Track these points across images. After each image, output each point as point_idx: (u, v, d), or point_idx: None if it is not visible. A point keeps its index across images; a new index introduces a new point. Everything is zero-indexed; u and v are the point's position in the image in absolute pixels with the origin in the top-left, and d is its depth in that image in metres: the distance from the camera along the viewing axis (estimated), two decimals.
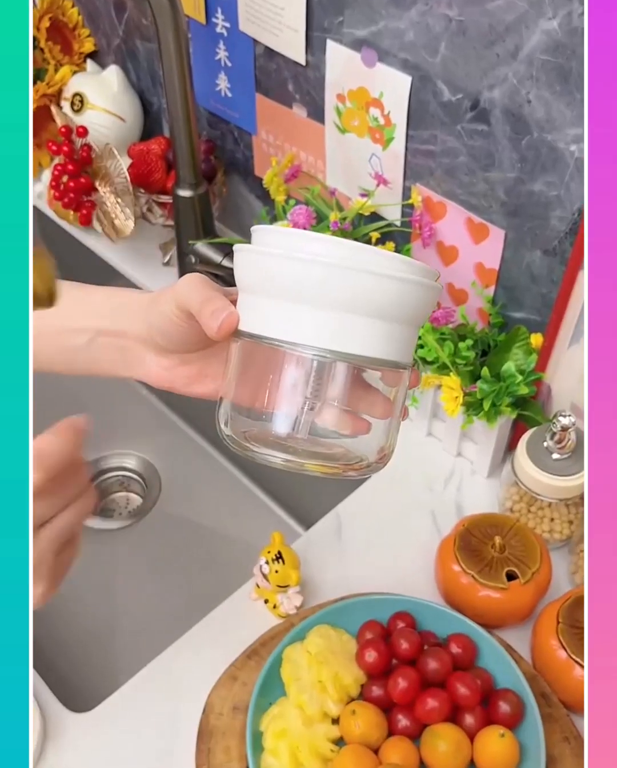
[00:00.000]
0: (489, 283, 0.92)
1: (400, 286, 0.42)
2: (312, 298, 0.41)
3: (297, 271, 0.41)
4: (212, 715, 0.75)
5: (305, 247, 0.42)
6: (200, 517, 1.23)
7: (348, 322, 0.42)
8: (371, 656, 0.73)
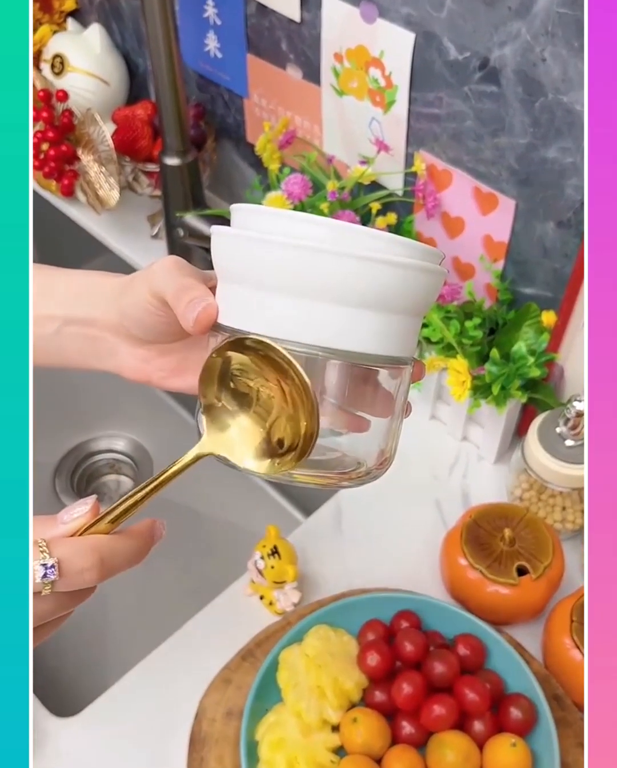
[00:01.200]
0: (497, 257, 0.86)
1: (398, 273, 0.36)
2: (297, 288, 0.36)
3: (279, 257, 0.35)
4: (205, 721, 0.71)
5: (289, 229, 0.36)
6: (195, 503, 1.18)
7: (340, 314, 0.36)
8: (373, 660, 0.69)
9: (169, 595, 1.05)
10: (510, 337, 0.85)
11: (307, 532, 0.86)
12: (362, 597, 0.74)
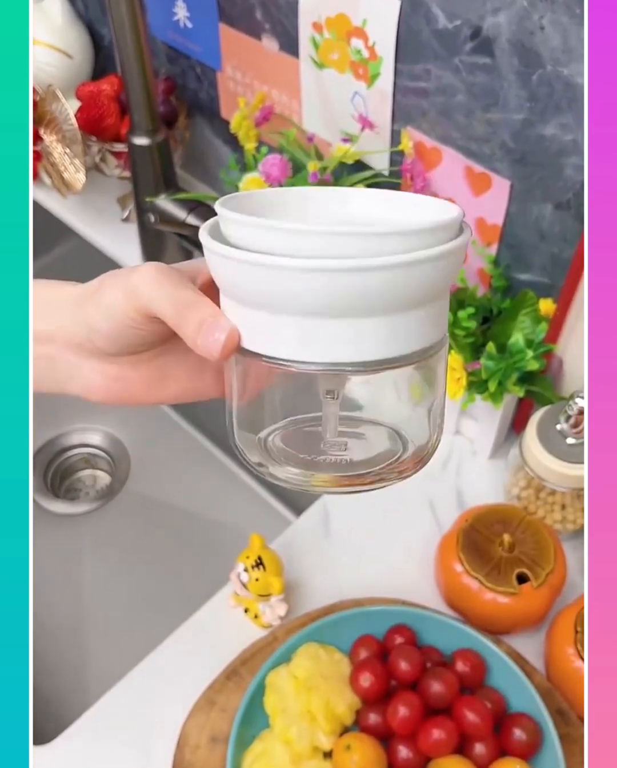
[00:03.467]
0: (491, 241, 0.81)
1: (422, 269, 0.33)
2: (304, 308, 0.33)
3: (291, 282, 0.32)
4: (188, 748, 0.66)
5: (281, 244, 0.32)
6: (175, 499, 1.13)
7: (360, 326, 0.33)
8: (366, 681, 0.64)
9: (151, 601, 1.00)
10: (505, 327, 0.80)
11: (293, 538, 0.81)
12: (353, 611, 0.69)
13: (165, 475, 1.15)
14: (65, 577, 1.01)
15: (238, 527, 1.08)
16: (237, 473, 1.15)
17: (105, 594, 1.01)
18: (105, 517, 1.12)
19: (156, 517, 1.11)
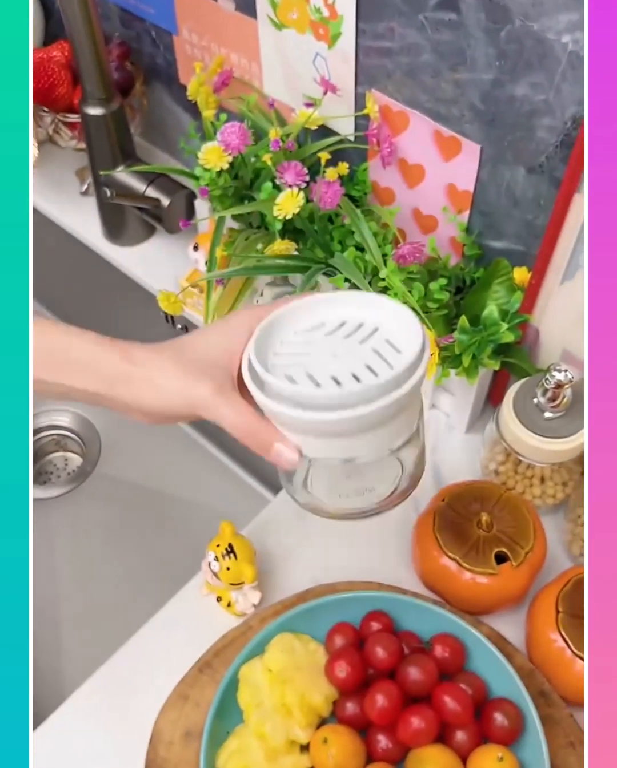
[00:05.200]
0: (462, 207, 0.78)
1: (399, 404, 0.48)
2: (325, 434, 0.50)
3: (321, 425, 0.48)
4: (161, 745, 0.64)
5: (309, 402, 0.48)
6: (149, 480, 1.10)
7: (360, 438, 0.50)
8: (342, 671, 0.62)
9: (126, 586, 0.98)
10: (478, 298, 0.77)
11: (267, 520, 0.79)
12: (328, 598, 0.67)
13: (137, 456, 1.13)
14: (38, 562, 0.99)
15: (214, 507, 1.06)
16: (211, 452, 1.12)
17: (79, 580, 0.99)
18: (77, 500, 1.10)
19: (130, 500, 1.08)
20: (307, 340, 0.51)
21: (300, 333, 0.52)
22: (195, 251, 0.88)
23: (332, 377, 0.48)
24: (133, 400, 0.52)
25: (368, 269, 0.77)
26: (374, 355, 0.49)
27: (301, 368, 0.49)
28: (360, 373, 0.48)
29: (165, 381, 0.51)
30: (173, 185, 0.91)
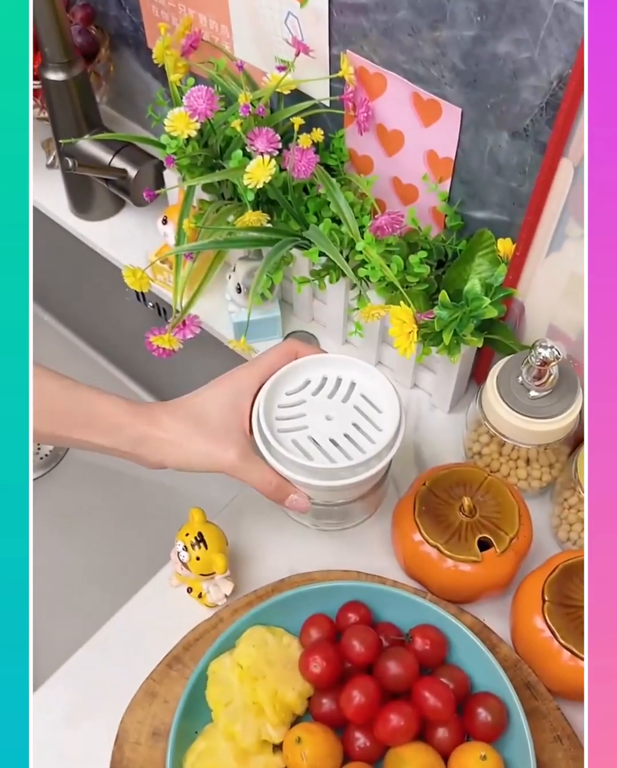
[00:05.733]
0: (443, 176, 0.74)
1: (359, 480, 0.63)
2: (323, 490, 0.65)
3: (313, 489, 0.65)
4: (127, 745, 0.61)
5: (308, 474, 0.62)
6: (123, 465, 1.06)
7: (340, 494, 0.67)
8: (317, 666, 0.59)
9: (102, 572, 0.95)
10: (460, 271, 0.73)
11: (239, 507, 0.76)
12: (303, 589, 0.64)
13: None
14: None
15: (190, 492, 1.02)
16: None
17: (52, 566, 0.95)
18: (50, 485, 1.06)
19: (103, 484, 1.05)
20: (299, 400, 0.64)
21: (292, 393, 0.65)
22: (164, 225, 0.84)
23: (330, 439, 0.62)
24: (157, 460, 0.62)
25: (345, 242, 0.73)
26: (357, 413, 0.64)
27: (303, 433, 0.63)
28: (350, 431, 0.63)
29: (191, 445, 0.61)
30: (141, 155, 0.86)
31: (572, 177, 0.61)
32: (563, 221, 0.64)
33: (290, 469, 0.62)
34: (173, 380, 1.09)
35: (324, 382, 0.65)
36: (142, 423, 0.61)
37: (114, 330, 1.10)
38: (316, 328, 0.86)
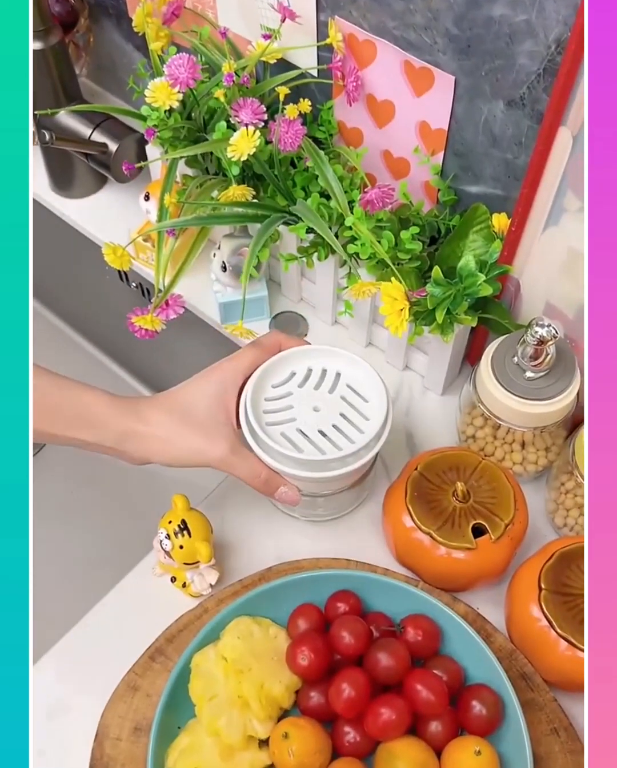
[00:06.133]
0: (436, 148, 0.71)
1: (354, 470, 0.62)
2: (309, 479, 0.63)
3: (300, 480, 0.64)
4: (107, 741, 0.58)
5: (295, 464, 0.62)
6: None
7: (326, 485, 0.66)
8: (305, 658, 0.57)
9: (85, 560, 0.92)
10: (454, 248, 0.70)
11: (225, 493, 0.73)
12: (291, 578, 0.61)
13: None
14: None
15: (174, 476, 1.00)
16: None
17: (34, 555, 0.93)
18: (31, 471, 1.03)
19: (85, 470, 1.02)
20: (286, 392, 0.63)
21: (278, 386, 0.64)
22: (146, 201, 0.81)
23: (318, 431, 0.62)
24: (141, 456, 0.61)
25: (333, 217, 0.70)
26: (344, 403, 0.63)
27: (292, 425, 0.62)
28: (338, 422, 0.62)
29: (179, 440, 0.60)
30: (122, 129, 0.83)
31: (571, 147, 0.58)
32: (561, 194, 0.61)
33: (279, 462, 0.61)
34: (157, 363, 1.06)
35: (309, 373, 0.64)
36: (127, 418, 0.59)
37: (96, 311, 1.07)
38: (305, 308, 0.84)
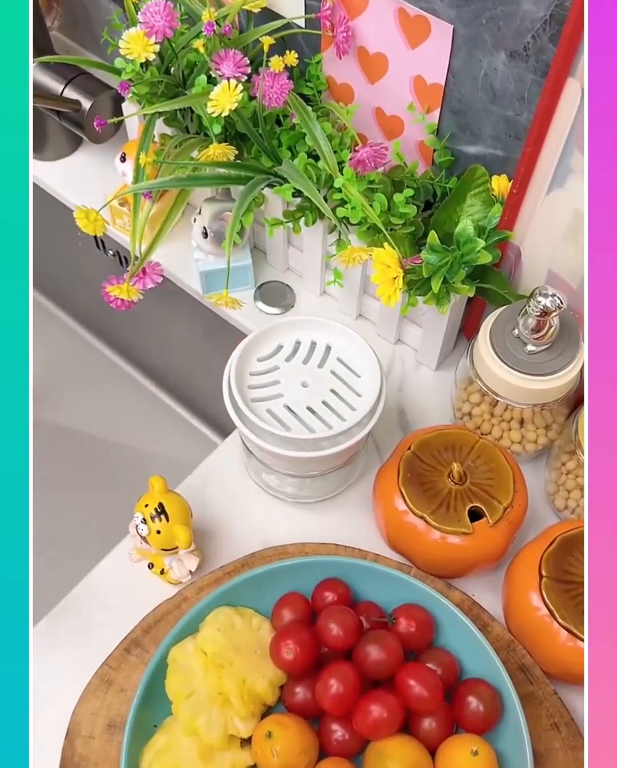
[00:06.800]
0: (431, 105, 0.66)
1: (346, 449, 0.58)
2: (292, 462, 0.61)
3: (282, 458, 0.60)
4: (79, 739, 0.55)
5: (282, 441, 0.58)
6: (87, 426, 0.99)
7: (311, 463, 0.61)
8: (290, 652, 0.53)
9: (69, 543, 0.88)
10: (450, 212, 0.66)
11: (207, 473, 0.69)
12: (275, 565, 0.57)
13: (77, 401, 1.02)
14: None
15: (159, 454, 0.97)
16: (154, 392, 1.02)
17: None
18: None
19: (69, 449, 0.98)
20: (272, 366, 0.60)
21: (264, 360, 0.60)
22: (122, 162, 0.76)
23: (307, 407, 0.58)
24: None
25: (322, 179, 0.66)
26: (335, 378, 0.59)
27: (279, 401, 0.58)
28: (328, 398, 0.58)
29: None
30: (97, 85, 0.78)
31: (579, 100, 0.53)
32: (567, 153, 0.57)
33: (266, 441, 0.57)
34: (136, 335, 1.01)
35: (298, 346, 0.61)
36: None
37: (72, 280, 1.02)
38: (291, 277, 0.79)
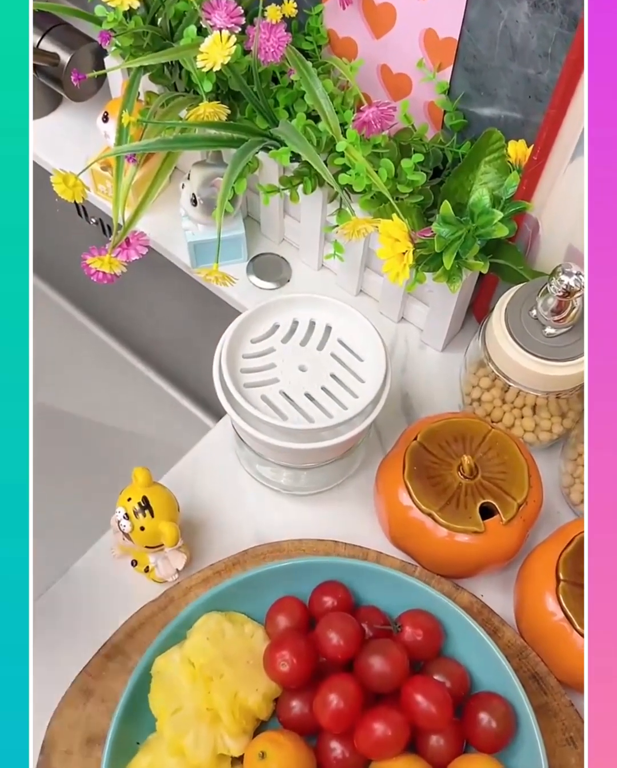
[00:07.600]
0: (443, 62, 0.60)
1: (347, 440, 0.53)
2: (290, 452, 0.55)
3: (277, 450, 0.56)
4: (56, 754, 0.50)
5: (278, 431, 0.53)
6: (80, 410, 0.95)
7: (308, 455, 0.56)
8: (285, 664, 0.48)
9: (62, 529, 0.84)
10: (463, 181, 0.61)
11: (196, 461, 0.64)
12: (270, 567, 0.53)
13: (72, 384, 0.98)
14: None
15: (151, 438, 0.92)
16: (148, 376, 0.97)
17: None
18: None
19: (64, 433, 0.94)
20: (268, 348, 0.55)
21: (258, 341, 0.55)
22: (105, 123, 0.70)
23: (305, 394, 0.53)
24: None
25: (322, 142, 0.60)
26: (335, 362, 0.55)
27: (274, 387, 0.54)
28: (328, 384, 0.54)
29: None
30: (77, 37, 0.72)
31: None
32: None
33: (260, 431, 0.53)
34: (122, 310, 0.96)
35: (295, 326, 0.56)
36: None
37: (51, 251, 0.96)
38: (287, 249, 0.74)
